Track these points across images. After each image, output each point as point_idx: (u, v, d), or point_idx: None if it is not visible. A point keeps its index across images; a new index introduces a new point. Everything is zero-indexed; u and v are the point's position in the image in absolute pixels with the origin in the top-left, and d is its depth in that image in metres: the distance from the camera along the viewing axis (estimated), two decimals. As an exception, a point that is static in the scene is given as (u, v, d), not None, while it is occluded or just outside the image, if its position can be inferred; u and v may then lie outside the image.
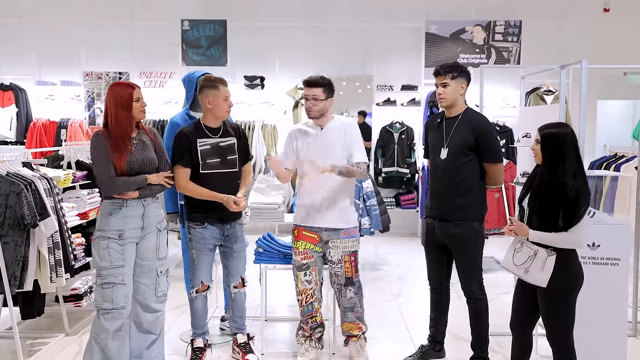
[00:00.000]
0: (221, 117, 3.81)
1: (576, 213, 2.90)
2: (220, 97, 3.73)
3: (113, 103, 3.32)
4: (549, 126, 3.05)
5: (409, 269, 6.66)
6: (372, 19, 8.63)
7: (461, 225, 3.55)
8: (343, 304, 3.87)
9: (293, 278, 3.90)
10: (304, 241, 3.81)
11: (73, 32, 8.60)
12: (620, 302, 3.59)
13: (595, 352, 3.43)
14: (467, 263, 3.60)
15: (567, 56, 8.15)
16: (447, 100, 3.62)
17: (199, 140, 3.74)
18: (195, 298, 3.92)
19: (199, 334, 4.00)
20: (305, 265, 3.81)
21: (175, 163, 3.70)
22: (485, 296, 3.63)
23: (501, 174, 3.60)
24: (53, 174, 4.37)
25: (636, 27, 8.46)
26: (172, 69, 8.61)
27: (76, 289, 4.50)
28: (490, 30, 8.41)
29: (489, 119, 3.79)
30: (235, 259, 3.95)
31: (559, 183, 2.92)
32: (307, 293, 3.83)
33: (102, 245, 3.31)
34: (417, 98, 8.56)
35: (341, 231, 3.79)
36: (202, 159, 3.73)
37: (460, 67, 3.61)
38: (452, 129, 3.60)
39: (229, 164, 3.81)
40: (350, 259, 3.81)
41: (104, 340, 3.35)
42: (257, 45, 8.67)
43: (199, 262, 3.85)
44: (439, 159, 3.62)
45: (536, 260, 3.02)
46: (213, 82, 3.74)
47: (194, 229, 3.80)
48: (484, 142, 3.51)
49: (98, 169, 3.30)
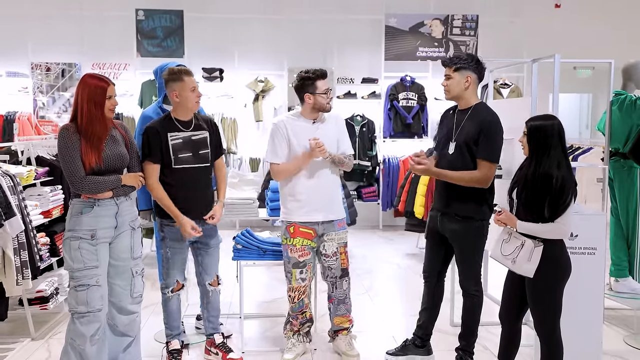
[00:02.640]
0: (191, 109, 3.67)
1: (561, 203, 2.95)
2: (187, 89, 3.59)
3: (85, 98, 3.13)
4: (535, 118, 3.10)
5: (375, 261, 6.69)
6: (331, 10, 8.60)
7: (462, 221, 3.52)
8: (336, 297, 3.86)
9: (285, 274, 3.83)
10: (301, 238, 3.74)
11: (20, 21, 8.21)
12: (596, 290, 3.70)
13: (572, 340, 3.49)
14: (465, 258, 3.59)
15: (522, 50, 8.40)
16: (450, 93, 3.57)
17: (170, 134, 3.60)
18: (170, 298, 3.80)
19: (174, 335, 3.88)
20: (302, 262, 3.75)
21: (145, 158, 3.56)
22: (481, 293, 3.64)
23: (486, 174, 3.44)
24: (15, 171, 4.14)
25: (586, 22, 8.76)
26: (127, 60, 8.35)
27: (42, 291, 4.28)
28: (448, 24, 8.53)
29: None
30: (210, 255, 3.84)
31: (545, 174, 2.97)
32: (300, 290, 3.78)
33: (73, 245, 3.14)
34: (378, 91, 8.59)
35: (336, 222, 3.79)
36: (174, 153, 3.59)
37: (466, 60, 3.51)
38: (462, 122, 3.53)
39: (201, 158, 3.68)
40: (345, 250, 3.85)
41: (81, 345, 3.19)
42: (215, 37, 8.51)
43: (173, 261, 3.73)
44: (446, 151, 3.56)
45: (523, 250, 3.06)
46: (177, 74, 3.59)
47: (167, 226, 3.67)
48: (482, 136, 3.42)
49: (68, 168, 3.10)
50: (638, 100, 4.72)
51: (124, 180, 3.25)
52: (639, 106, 4.69)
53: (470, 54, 3.63)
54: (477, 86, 3.60)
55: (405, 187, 6.83)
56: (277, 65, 8.49)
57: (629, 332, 4.37)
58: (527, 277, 3.07)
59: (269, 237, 4.15)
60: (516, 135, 4.27)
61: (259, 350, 4.08)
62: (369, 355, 4.00)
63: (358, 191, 8.59)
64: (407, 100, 8.38)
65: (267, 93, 8.48)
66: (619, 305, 4.77)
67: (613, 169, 4.87)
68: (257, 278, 5.85)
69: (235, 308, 4.63)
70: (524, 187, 3.06)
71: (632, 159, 4.54)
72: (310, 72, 3.72)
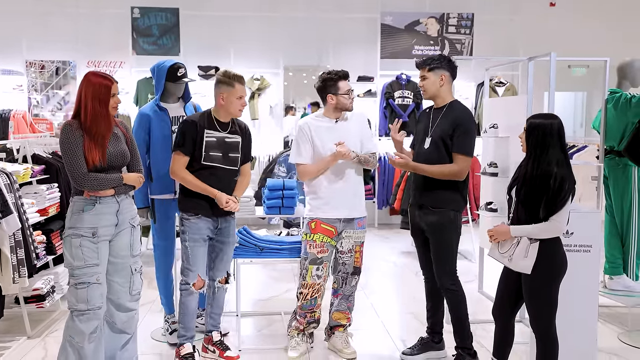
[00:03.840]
0: (232, 115, 3.71)
1: (559, 200, 2.96)
2: (235, 96, 3.62)
3: (90, 96, 3.12)
4: (535, 116, 3.11)
5: (371, 259, 6.68)
6: (327, 8, 8.60)
7: (437, 213, 3.60)
8: (344, 291, 3.91)
9: (300, 270, 3.86)
10: (321, 234, 3.77)
11: (14, 19, 8.16)
12: (591, 287, 3.72)
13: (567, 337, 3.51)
14: (439, 252, 3.64)
15: (517, 49, 8.43)
16: (427, 93, 3.71)
17: (207, 131, 3.64)
18: (190, 294, 3.71)
19: (188, 337, 3.77)
20: (320, 259, 3.78)
21: (177, 148, 3.62)
22: (458, 287, 3.66)
23: (462, 167, 3.54)
24: (11, 169, 4.13)
25: (581, 21, 8.80)
26: (122, 58, 8.34)
27: (38, 289, 4.26)
28: (444, 23, 8.55)
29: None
30: (224, 253, 3.82)
31: (542, 173, 2.98)
32: (315, 288, 3.80)
33: (74, 243, 3.14)
34: (373, 89, 8.61)
35: (355, 221, 3.83)
36: (206, 150, 3.63)
37: (438, 59, 3.64)
38: (437, 119, 3.66)
39: (230, 160, 3.71)
40: (360, 249, 3.90)
41: (79, 343, 3.18)
42: (210, 35, 8.50)
43: (195, 255, 3.68)
44: (422, 148, 3.68)
45: (519, 247, 3.08)
46: (230, 78, 3.62)
47: (188, 219, 3.66)
48: (456, 132, 3.55)
49: (71, 164, 3.09)
50: (633, 98, 4.75)
51: (126, 179, 3.25)
52: (634, 104, 4.72)
53: (442, 54, 3.76)
54: (451, 84, 3.73)
55: (401, 185, 6.85)
56: (273, 63, 8.49)
57: (623, 329, 4.40)
58: (523, 274, 3.09)
59: (265, 235, 4.16)
60: (512, 133, 4.32)
61: (256, 348, 4.09)
62: (365, 353, 4.01)
63: (354, 189, 8.58)
64: (402, 99, 8.40)
65: (263, 91, 8.48)
66: (614, 303, 4.79)
67: (608, 166, 4.89)
68: (253, 276, 5.86)
69: (232, 306, 4.62)
70: (522, 185, 3.07)
71: (627, 157, 4.57)
72: (332, 73, 3.78)
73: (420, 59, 3.72)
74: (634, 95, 4.79)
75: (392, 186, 7.92)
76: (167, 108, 4.05)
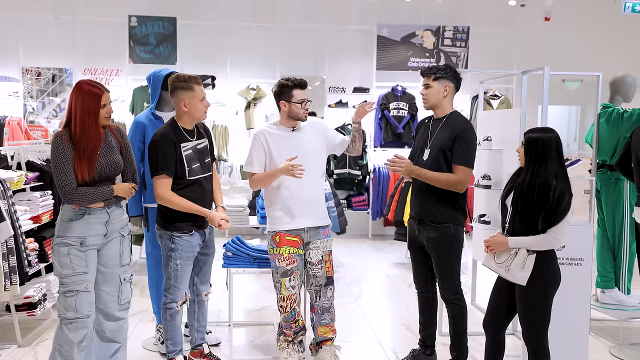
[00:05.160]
0: (199, 119, 3.60)
1: (557, 214, 2.98)
2: (196, 99, 3.47)
3: (79, 107, 3.08)
4: (533, 130, 3.13)
5: (364, 270, 6.71)
6: (324, 20, 8.64)
7: (437, 229, 3.57)
8: (321, 305, 3.82)
9: (274, 285, 3.80)
10: (287, 246, 3.71)
11: (11, 26, 8.17)
12: (583, 300, 3.73)
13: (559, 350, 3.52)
14: (442, 267, 3.62)
15: (512, 62, 8.49)
16: (428, 102, 3.64)
17: (182, 144, 3.49)
18: (176, 313, 3.63)
19: (178, 351, 3.70)
20: (290, 270, 3.72)
21: (160, 171, 3.42)
22: (462, 301, 3.64)
23: (462, 178, 3.50)
24: (5, 176, 4.12)
25: (575, 35, 8.87)
26: (119, 66, 8.35)
27: (30, 297, 4.23)
28: (439, 35, 8.60)
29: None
30: (208, 265, 3.79)
31: (540, 186, 2.99)
32: (292, 298, 3.75)
33: (62, 252, 3.13)
34: (369, 100, 8.62)
35: (321, 230, 3.78)
36: (188, 164, 3.51)
37: (445, 69, 3.59)
38: (437, 130, 3.61)
39: (207, 167, 3.64)
40: (330, 258, 3.82)
41: (68, 352, 3.17)
42: (207, 44, 8.53)
43: (183, 274, 3.59)
44: (421, 159, 3.62)
45: (517, 258, 3.09)
46: (187, 82, 3.46)
47: (181, 237, 3.54)
48: (456, 142, 3.50)
49: (60, 178, 3.06)
50: (625, 113, 4.79)
51: (116, 191, 3.22)
52: (626, 119, 4.76)
53: (448, 65, 3.72)
54: (453, 96, 3.68)
55: (395, 196, 6.87)
56: (269, 73, 8.51)
57: (615, 343, 4.40)
58: (517, 285, 3.10)
59: (259, 245, 4.16)
60: (506, 146, 4.34)
61: (248, 359, 4.07)
62: (357, 364, 4.01)
63: (348, 200, 8.61)
64: (398, 110, 8.43)
65: (258, 101, 8.50)
66: (605, 317, 4.81)
67: (600, 180, 4.93)
68: (246, 286, 5.85)
69: (224, 316, 4.62)
70: (519, 196, 3.08)
71: (618, 171, 4.59)
72: (290, 80, 3.69)
73: (426, 67, 3.67)
74: (626, 110, 4.83)
75: (387, 197, 7.94)
76: (163, 116, 4.04)
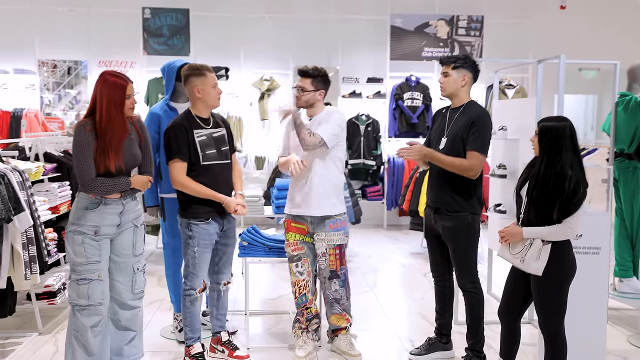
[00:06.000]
0: (212, 106, 3.66)
1: (573, 203, 2.95)
2: (209, 84, 3.57)
3: (105, 97, 3.11)
4: (547, 119, 3.10)
5: (380, 260, 6.72)
6: (337, 11, 8.61)
7: (454, 218, 3.56)
8: (329, 296, 3.84)
9: (289, 270, 3.86)
10: (293, 233, 3.79)
11: (27, 19, 8.24)
12: (600, 290, 3.71)
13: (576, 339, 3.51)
14: (459, 256, 3.61)
15: (527, 51, 8.42)
16: (445, 90, 3.64)
17: (195, 131, 3.58)
18: (195, 300, 3.69)
19: (196, 338, 3.76)
20: (297, 256, 3.77)
21: (173, 156, 3.52)
22: (479, 290, 3.64)
23: (475, 164, 3.48)
24: (24, 167, 4.17)
25: (592, 24, 8.77)
26: (133, 58, 8.41)
27: (49, 286, 4.31)
28: (453, 25, 8.54)
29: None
30: (228, 254, 3.82)
31: (556, 175, 2.96)
32: (300, 284, 3.78)
33: (77, 240, 3.16)
34: (383, 91, 8.61)
35: (327, 223, 3.76)
36: (202, 150, 3.58)
37: (464, 59, 3.59)
38: (454, 119, 3.61)
39: (223, 155, 3.69)
40: (335, 252, 3.78)
41: (83, 336, 3.20)
42: (220, 36, 8.55)
43: (201, 261, 3.64)
44: (438, 148, 3.61)
45: (532, 248, 3.07)
46: (200, 69, 3.57)
47: (197, 225, 3.59)
48: (472, 128, 3.50)
49: (80, 167, 3.09)
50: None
51: (134, 183, 3.26)
52: (643, 107, 4.70)
53: (467, 55, 3.71)
54: (471, 86, 3.67)
55: (410, 186, 6.86)
56: (282, 64, 8.52)
57: (633, 332, 4.38)
58: (533, 275, 3.09)
59: (274, 235, 4.18)
60: (521, 135, 4.32)
61: (265, 347, 4.10)
62: (373, 353, 4.01)
63: (363, 190, 8.61)
64: (412, 100, 8.40)
65: (272, 92, 8.51)
66: (623, 306, 4.78)
67: (618, 169, 4.88)
68: (262, 275, 5.89)
69: (240, 305, 4.65)
70: (535, 186, 3.06)
71: (636, 160, 4.55)
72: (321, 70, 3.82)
73: (445, 56, 3.66)
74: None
75: (401, 187, 7.93)
76: (177, 108, 4.07)
